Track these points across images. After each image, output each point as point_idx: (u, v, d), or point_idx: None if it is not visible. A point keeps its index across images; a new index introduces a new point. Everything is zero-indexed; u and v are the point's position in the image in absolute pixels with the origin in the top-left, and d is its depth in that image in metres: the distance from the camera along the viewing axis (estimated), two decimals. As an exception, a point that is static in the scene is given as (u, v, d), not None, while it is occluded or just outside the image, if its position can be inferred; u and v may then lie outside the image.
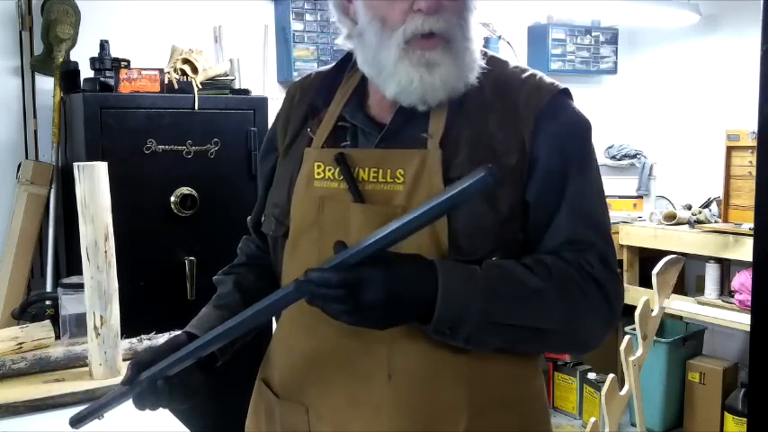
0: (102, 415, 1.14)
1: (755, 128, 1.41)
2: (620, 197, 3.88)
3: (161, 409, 1.13)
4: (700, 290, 3.59)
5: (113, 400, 1.12)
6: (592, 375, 3.59)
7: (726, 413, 3.28)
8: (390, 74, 1.07)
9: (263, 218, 1.25)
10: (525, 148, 1.07)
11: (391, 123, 1.11)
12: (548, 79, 1.14)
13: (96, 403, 1.14)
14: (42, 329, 1.73)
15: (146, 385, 1.08)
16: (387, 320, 0.99)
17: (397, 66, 1.05)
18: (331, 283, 0.93)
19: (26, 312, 2.01)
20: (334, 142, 1.15)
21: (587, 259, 1.07)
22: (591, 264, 1.07)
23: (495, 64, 1.15)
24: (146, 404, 1.10)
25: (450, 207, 0.90)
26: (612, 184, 3.85)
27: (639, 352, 2.54)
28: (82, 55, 2.65)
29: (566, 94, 1.13)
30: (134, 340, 1.69)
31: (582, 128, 1.13)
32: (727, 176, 3.37)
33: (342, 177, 1.10)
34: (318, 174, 1.12)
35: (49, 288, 2.56)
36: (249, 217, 1.36)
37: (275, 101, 2.67)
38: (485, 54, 1.15)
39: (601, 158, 4.04)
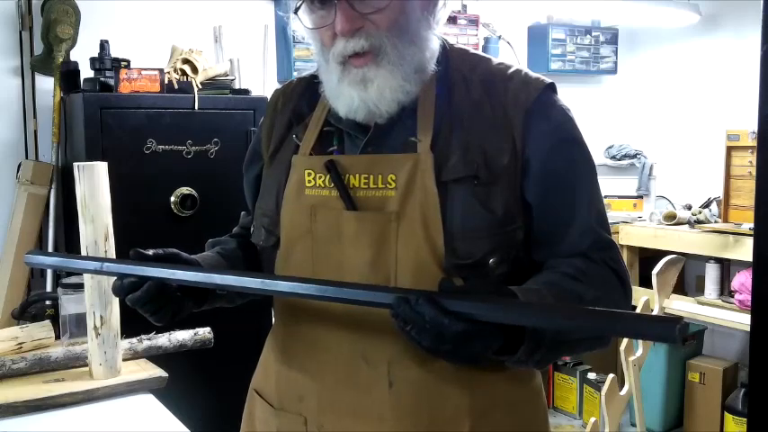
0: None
1: (755, 128, 1.41)
2: (620, 197, 3.87)
3: (134, 304, 1.09)
4: (700, 290, 3.59)
5: (125, 264, 1.09)
6: (592, 375, 3.59)
7: (726, 413, 3.28)
8: (336, 95, 1.08)
9: (252, 228, 1.24)
10: (516, 147, 1.07)
11: (376, 126, 1.10)
12: (533, 74, 1.13)
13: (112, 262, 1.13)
14: (42, 329, 1.73)
15: (157, 278, 1.06)
16: (470, 363, 0.96)
17: (339, 87, 1.06)
18: (444, 335, 0.87)
19: (26, 312, 2.01)
20: (321, 148, 1.14)
21: (612, 257, 1.10)
22: (615, 260, 1.10)
23: (479, 62, 1.14)
24: (146, 295, 1.07)
25: (614, 332, 0.86)
26: (612, 184, 3.85)
27: (639, 352, 2.54)
28: (82, 55, 2.65)
29: (551, 88, 1.13)
30: (134, 340, 1.69)
31: (572, 123, 1.13)
32: (727, 176, 3.37)
33: (333, 185, 1.09)
34: (309, 182, 1.11)
35: (49, 288, 2.55)
36: (243, 212, 1.37)
37: (275, 101, 2.68)
38: (466, 52, 1.15)
39: (601, 158, 4.04)
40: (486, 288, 0.94)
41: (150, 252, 1.10)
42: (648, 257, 3.38)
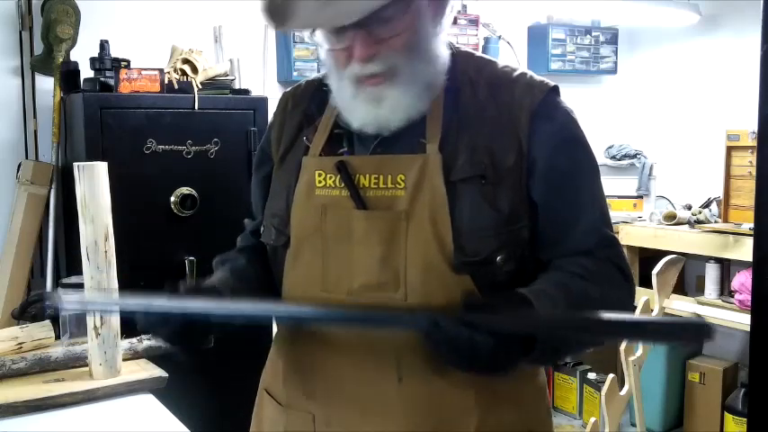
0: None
1: (755, 128, 1.41)
2: (620, 197, 3.87)
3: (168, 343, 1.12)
4: (700, 290, 3.59)
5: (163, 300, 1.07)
6: (592, 375, 3.59)
7: (726, 413, 3.28)
8: (349, 110, 1.10)
9: (262, 228, 1.25)
10: (522, 147, 1.09)
11: None
12: (537, 77, 1.16)
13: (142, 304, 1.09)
14: (42, 329, 1.73)
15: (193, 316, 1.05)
16: (500, 374, 0.99)
17: (353, 102, 1.09)
18: (479, 353, 0.90)
19: (26, 312, 2.01)
20: (332, 149, 1.15)
21: (616, 254, 1.13)
22: (619, 257, 1.13)
23: (485, 65, 1.17)
24: (182, 332, 1.08)
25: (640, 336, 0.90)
26: (612, 184, 3.85)
27: (639, 352, 2.54)
28: (82, 55, 2.65)
29: (555, 91, 1.15)
30: (134, 340, 1.69)
31: (576, 124, 1.15)
32: (727, 176, 3.37)
33: (343, 185, 1.10)
34: (320, 182, 1.13)
35: (49, 288, 2.55)
36: (246, 220, 1.36)
37: (275, 101, 2.66)
38: (472, 55, 1.18)
39: (601, 158, 4.04)
40: (507, 300, 0.97)
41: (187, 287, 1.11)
42: (648, 257, 3.38)
